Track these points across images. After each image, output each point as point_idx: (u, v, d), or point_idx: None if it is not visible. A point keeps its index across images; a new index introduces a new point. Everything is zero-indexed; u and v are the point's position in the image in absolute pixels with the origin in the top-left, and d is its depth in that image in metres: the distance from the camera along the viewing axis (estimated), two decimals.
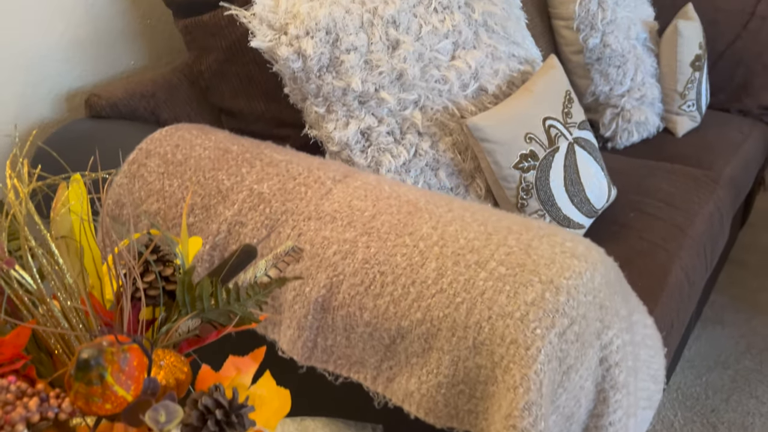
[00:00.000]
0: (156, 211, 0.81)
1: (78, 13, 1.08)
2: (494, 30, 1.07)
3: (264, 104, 1.09)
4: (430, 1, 1.01)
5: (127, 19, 1.16)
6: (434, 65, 1.00)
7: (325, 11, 0.91)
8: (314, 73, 0.93)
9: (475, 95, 1.04)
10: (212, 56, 1.07)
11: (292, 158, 0.81)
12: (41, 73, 1.06)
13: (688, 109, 1.44)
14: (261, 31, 0.92)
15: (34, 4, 1.02)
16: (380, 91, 0.96)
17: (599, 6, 1.33)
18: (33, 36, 1.03)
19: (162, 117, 1.08)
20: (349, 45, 0.93)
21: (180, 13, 1.08)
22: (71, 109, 1.11)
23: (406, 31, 0.98)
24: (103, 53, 1.14)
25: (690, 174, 1.22)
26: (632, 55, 1.37)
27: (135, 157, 0.86)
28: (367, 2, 0.95)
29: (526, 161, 0.96)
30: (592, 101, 1.43)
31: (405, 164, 0.99)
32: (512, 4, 1.12)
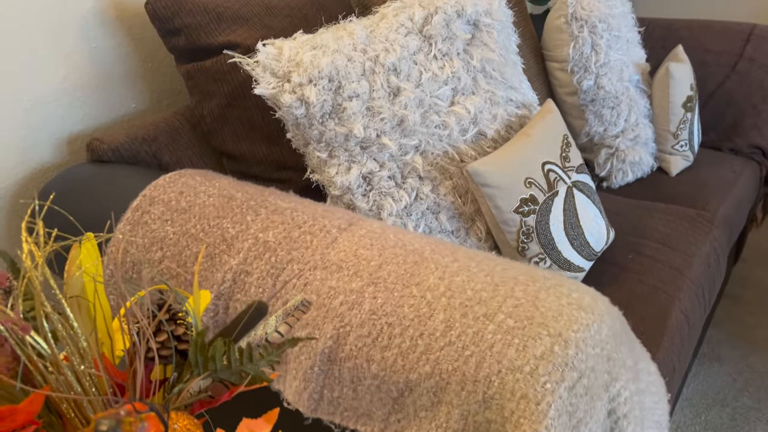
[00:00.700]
0: (159, 260, 0.81)
1: (80, 57, 1.09)
2: (492, 76, 1.09)
3: (266, 148, 1.10)
4: (430, 49, 1.03)
5: (129, 63, 1.17)
6: (434, 111, 1.02)
7: (327, 60, 0.93)
8: (317, 119, 0.94)
9: (475, 140, 1.06)
10: (214, 101, 1.08)
11: (297, 206, 0.82)
12: (43, 117, 1.06)
13: (681, 149, 1.46)
14: (264, 78, 0.94)
15: (37, 48, 1.03)
16: (382, 136, 0.97)
17: (592, 49, 1.36)
18: (36, 80, 1.04)
19: (164, 161, 1.09)
20: (351, 92, 0.94)
21: (182, 58, 1.09)
22: (72, 153, 1.12)
23: (406, 78, 0.99)
24: (105, 97, 1.15)
25: (685, 214, 1.23)
26: (625, 96, 1.39)
27: (138, 204, 0.86)
28: (368, 51, 0.97)
29: (526, 205, 0.97)
30: (587, 141, 1.46)
31: (406, 208, 1.00)
32: (509, 50, 1.14)
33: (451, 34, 1.05)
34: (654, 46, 1.73)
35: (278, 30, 1.13)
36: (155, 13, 1.04)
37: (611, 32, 1.36)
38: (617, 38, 1.38)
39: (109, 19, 1.12)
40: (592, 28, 1.34)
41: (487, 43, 1.09)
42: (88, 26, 1.09)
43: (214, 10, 1.08)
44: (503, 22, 1.12)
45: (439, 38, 1.04)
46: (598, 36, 1.35)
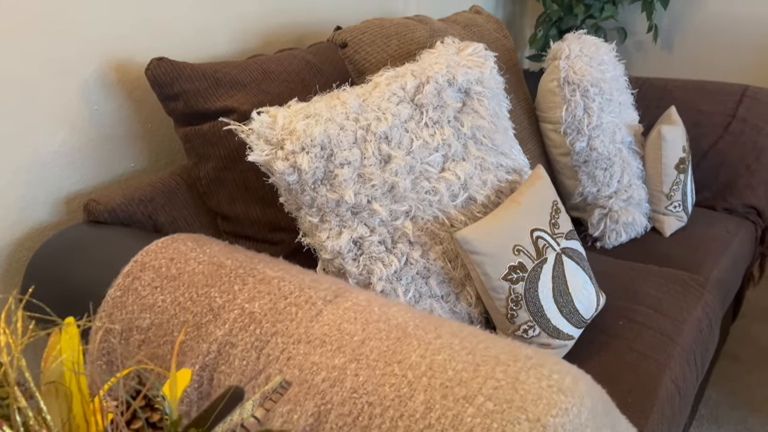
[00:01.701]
0: (148, 327, 0.81)
1: (82, 119, 1.12)
2: (482, 142, 1.11)
3: (259, 210, 1.12)
4: (421, 117, 1.06)
5: (129, 124, 1.20)
6: (425, 177, 1.03)
7: (320, 129, 0.95)
8: (309, 185, 0.96)
9: (465, 205, 1.07)
10: (210, 164, 1.10)
11: (285, 275, 0.83)
12: (43, 178, 1.08)
13: (675, 210, 1.47)
14: (258, 146, 0.96)
15: (41, 110, 1.06)
16: (372, 202, 0.99)
17: (585, 112, 1.38)
18: (38, 141, 1.06)
19: (159, 221, 1.10)
20: (343, 160, 0.96)
21: (181, 122, 1.12)
22: (70, 212, 1.14)
23: (397, 146, 1.01)
24: (104, 157, 1.17)
25: (678, 278, 1.23)
26: (618, 158, 1.41)
27: (130, 270, 0.87)
28: (360, 119, 0.99)
29: (514, 273, 0.97)
30: (580, 201, 1.47)
31: (396, 273, 1.00)
32: (500, 116, 1.16)
33: (442, 103, 1.08)
34: (648, 105, 1.76)
35: (275, 95, 1.16)
36: (155, 79, 1.07)
37: (603, 96, 1.39)
38: (609, 101, 1.41)
39: (110, 82, 1.15)
40: (584, 92, 1.37)
41: (477, 111, 1.11)
42: (90, 89, 1.12)
43: (213, 76, 1.11)
44: (494, 89, 1.15)
45: (431, 107, 1.06)
46: (590, 99, 1.37)
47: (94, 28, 1.10)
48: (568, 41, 1.43)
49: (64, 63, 1.07)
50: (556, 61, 1.41)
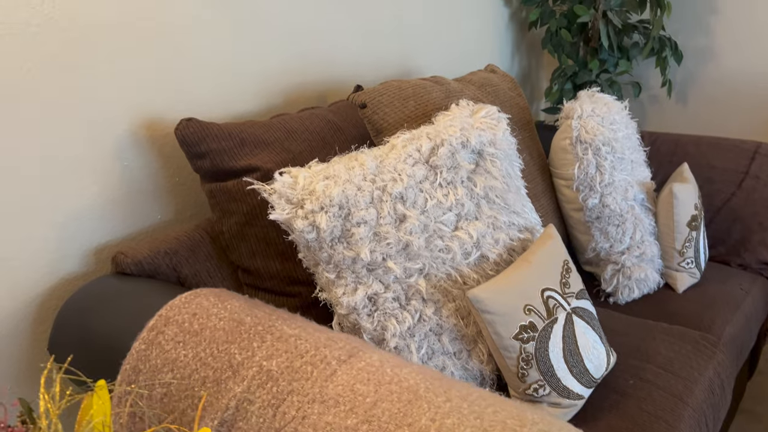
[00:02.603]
0: (169, 381, 0.85)
1: (113, 175, 1.18)
2: (495, 202, 1.15)
3: (279, 264, 1.16)
4: (436, 177, 1.10)
5: (157, 179, 1.26)
6: (438, 236, 1.07)
7: (338, 189, 1.00)
8: (327, 243, 1.00)
9: (477, 263, 1.10)
10: (233, 219, 1.15)
11: (301, 332, 0.86)
12: (74, 231, 1.14)
13: (688, 266, 1.48)
14: (280, 205, 1.00)
15: (76, 167, 1.12)
16: (387, 260, 1.02)
17: (597, 170, 1.42)
18: (71, 197, 1.12)
19: (183, 273, 1.15)
20: (359, 219, 1.00)
21: (206, 178, 1.17)
22: (99, 262, 1.19)
23: (412, 205, 1.06)
24: (133, 209, 1.23)
25: (689, 337, 1.24)
26: (630, 215, 1.44)
27: (154, 324, 0.91)
28: (377, 180, 1.04)
29: (525, 332, 1.00)
30: (593, 256, 1.49)
31: (410, 329, 1.03)
32: (512, 176, 1.20)
33: (456, 164, 1.12)
34: (661, 160, 1.79)
35: (297, 153, 1.21)
36: (184, 139, 1.13)
37: (615, 154, 1.43)
38: (621, 160, 1.44)
39: (141, 139, 1.21)
40: (596, 151, 1.41)
41: (490, 171, 1.15)
42: (122, 146, 1.18)
43: (238, 136, 1.17)
44: (506, 150, 1.19)
45: (445, 168, 1.10)
46: (602, 158, 1.41)
47: (126, 89, 1.17)
48: (580, 101, 1.48)
49: (98, 122, 1.14)
50: (568, 120, 1.45)
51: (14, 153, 1.04)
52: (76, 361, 1.00)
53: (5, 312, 1.07)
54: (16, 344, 1.10)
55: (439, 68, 1.95)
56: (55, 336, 1.04)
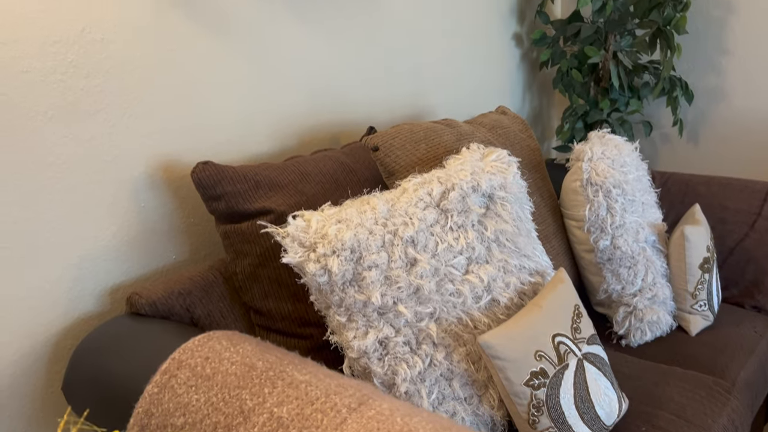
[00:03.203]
0: (182, 426, 0.86)
1: (130, 216, 1.21)
2: (505, 245, 1.16)
3: (290, 305, 1.17)
4: (447, 221, 1.11)
5: (173, 219, 1.28)
6: (449, 279, 1.08)
7: (350, 233, 1.01)
8: (338, 286, 1.01)
9: (488, 307, 1.11)
10: (247, 260, 1.17)
11: (312, 378, 0.87)
12: (91, 271, 1.16)
13: (700, 309, 1.48)
14: (293, 248, 1.02)
15: (93, 209, 1.14)
16: (398, 304, 1.03)
17: (608, 212, 1.42)
18: (88, 238, 1.15)
19: (196, 314, 1.16)
20: (371, 263, 1.02)
21: (221, 219, 1.19)
22: (114, 302, 1.20)
23: (423, 249, 1.07)
24: (149, 250, 1.25)
25: (703, 383, 1.23)
26: (642, 257, 1.44)
27: (167, 367, 0.92)
28: (388, 224, 1.05)
29: (536, 379, 1.00)
30: (605, 298, 1.49)
31: (420, 374, 1.04)
32: (523, 219, 1.21)
33: (467, 208, 1.13)
34: (673, 200, 1.80)
35: (310, 195, 1.23)
36: (200, 181, 1.15)
37: (626, 196, 1.43)
38: (632, 202, 1.45)
39: (158, 181, 1.24)
40: (606, 193, 1.42)
41: (500, 215, 1.17)
42: (139, 188, 1.21)
43: (253, 178, 1.19)
44: (517, 194, 1.20)
45: (455, 212, 1.12)
46: (612, 200, 1.42)
47: (144, 132, 1.20)
48: (590, 143, 1.49)
49: (117, 165, 1.17)
50: (579, 162, 1.46)
51: (35, 195, 1.06)
52: (89, 402, 1.01)
53: (21, 352, 1.08)
54: (30, 383, 1.11)
55: (451, 107, 1.97)
56: (70, 376, 1.06)
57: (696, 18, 2.14)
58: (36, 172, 1.06)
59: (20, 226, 1.05)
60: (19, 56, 1.01)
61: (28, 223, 1.06)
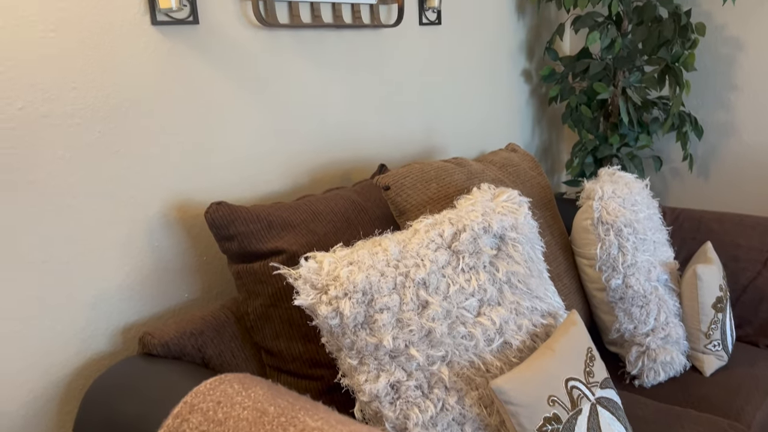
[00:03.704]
0: None
1: (144, 256, 1.22)
2: (517, 287, 1.15)
3: (302, 346, 1.17)
4: (458, 263, 1.11)
5: (185, 258, 1.29)
6: (461, 322, 1.08)
7: (362, 275, 1.01)
8: (350, 329, 1.01)
9: (500, 349, 1.10)
10: (258, 300, 1.17)
11: (324, 425, 0.86)
12: (104, 311, 1.17)
13: (714, 349, 1.46)
14: (305, 290, 1.02)
15: (107, 248, 1.15)
16: (410, 347, 1.03)
17: (619, 250, 1.42)
18: (102, 278, 1.16)
19: (208, 354, 1.16)
20: (382, 305, 1.02)
21: (234, 259, 1.20)
22: (126, 341, 1.21)
23: (435, 291, 1.07)
24: (161, 289, 1.26)
25: (718, 426, 1.21)
26: (654, 296, 1.43)
27: (179, 411, 0.92)
28: (400, 266, 1.06)
29: (549, 424, 0.99)
30: (617, 337, 1.48)
31: (432, 418, 1.03)
32: (534, 260, 1.21)
33: (478, 249, 1.13)
34: (684, 237, 1.79)
35: (322, 235, 1.24)
36: (213, 222, 1.17)
37: (637, 235, 1.43)
38: (643, 241, 1.44)
39: (171, 220, 1.25)
40: (617, 232, 1.42)
41: (512, 256, 1.17)
42: (153, 228, 1.22)
43: (266, 218, 1.20)
44: (528, 235, 1.21)
45: (467, 253, 1.12)
46: (624, 239, 1.41)
47: (159, 172, 1.22)
48: (600, 181, 1.50)
49: (132, 205, 1.18)
50: (589, 201, 1.46)
51: (51, 237, 1.08)
52: None
53: (35, 393, 1.09)
54: (43, 424, 1.11)
55: (462, 143, 1.99)
56: (81, 418, 1.06)
57: (704, 55, 2.16)
58: (54, 214, 1.07)
59: (36, 267, 1.06)
60: (39, 101, 1.03)
61: (44, 264, 1.07)
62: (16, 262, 1.04)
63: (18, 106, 1.01)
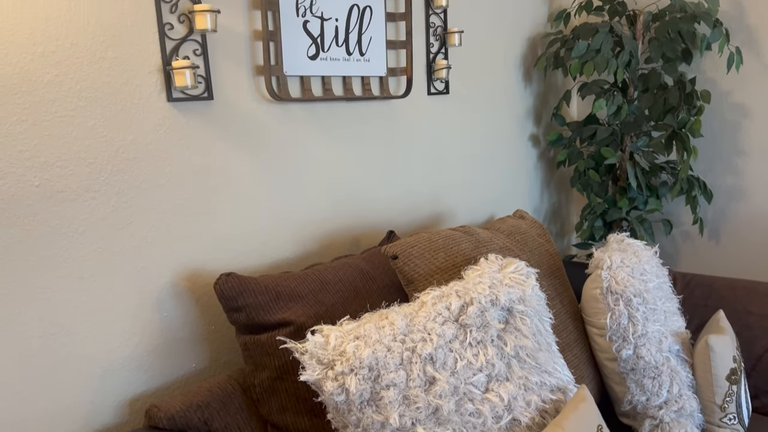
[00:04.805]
0: None
1: (153, 325, 1.23)
2: (526, 361, 1.15)
3: (308, 420, 1.16)
4: (465, 336, 1.11)
5: (194, 327, 1.30)
6: (468, 398, 1.07)
7: (369, 351, 1.01)
8: (356, 406, 1.00)
9: (509, 427, 1.08)
10: (265, 373, 1.17)
11: None
12: (111, 383, 1.17)
13: (730, 422, 1.43)
14: (311, 365, 1.02)
15: (117, 320, 1.17)
16: (417, 425, 1.02)
17: (629, 320, 1.41)
18: (111, 350, 1.16)
19: (214, 426, 1.15)
20: (389, 381, 1.01)
21: (242, 330, 1.21)
22: (132, 413, 1.20)
23: (442, 367, 1.06)
24: (169, 359, 1.26)
25: None
26: (666, 367, 1.41)
27: None
28: (407, 341, 1.06)
29: None
30: (629, 409, 1.45)
31: None
32: (543, 333, 1.20)
33: (486, 323, 1.13)
34: (696, 304, 1.77)
35: (330, 305, 1.25)
36: (222, 293, 1.18)
37: (647, 305, 1.42)
38: (654, 311, 1.43)
39: (181, 290, 1.27)
40: (627, 302, 1.41)
41: (520, 329, 1.16)
42: (162, 298, 1.24)
43: (274, 289, 1.21)
44: (536, 307, 1.20)
45: (474, 327, 1.12)
46: (633, 309, 1.40)
47: (171, 243, 1.24)
48: (609, 251, 1.50)
49: (143, 276, 1.20)
50: (598, 270, 1.46)
51: (62, 310, 1.09)
52: None
53: None
54: None
55: (470, 208, 2.01)
56: None
57: (711, 120, 2.19)
58: (65, 286, 1.09)
59: (46, 341, 1.07)
60: (56, 177, 1.06)
61: (54, 338, 1.08)
62: (25, 333, 1.05)
63: (35, 183, 1.04)
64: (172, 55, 1.19)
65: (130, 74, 1.14)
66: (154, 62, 1.17)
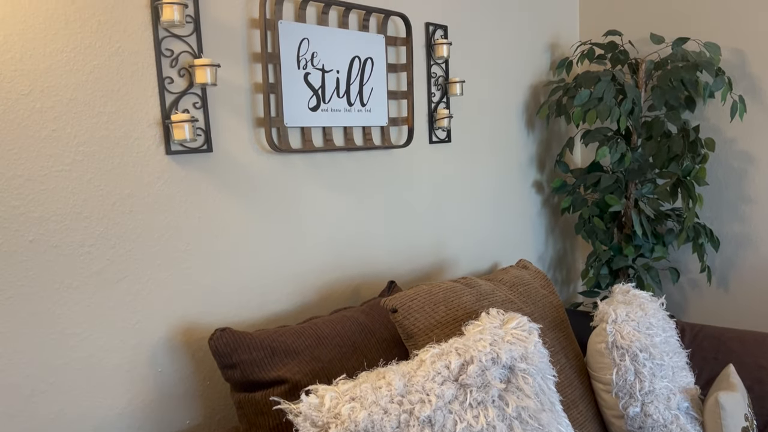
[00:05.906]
0: None
1: (146, 381, 1.20)
2: (528, 422, 1.11)
3: None
4: (465, 397, 1.08)
5: (189, 383, 1.27)
6: None
7: (364, 413, 0.98)
8: None
9: None
10: None
11: None
12: None
13: None
14: (305, 428, 0.99)
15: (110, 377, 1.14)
16: None
17: (636, 377, 1.37)
18: (103, 407, 1.13)
19: None
20: None
21: (236, 388, 1.18)
22: None
23: (441, 430, 1.02)
24: (163, 415, 1.23)
25: None
26: (675, 425, 1.36)
27: None
28: (405, 402, 1.02)
29: None
30: None
31: None
32: (546, 392, 1.17)
33: (486, 382, 1.10)
34: (705, 357, 1.73)
35: (326, 361, 1.22)
36: (216, 350, 1.15)
37: (654, 361, 1.38)
38: (661, 366, 1.39)
39: (176, 345, 1.24)
40: (633, 357, 1.37)
41: (522, 389, 1.13)
42: (157, 353, 1.21)
43: (269, 346, 1.18)
44: (538, 365, 1.17)
45: (474, 387, 1.08)
46: (640, 365, 1.37)
47: (166, 298, 1.22)
48: (614, 303, 1.46)
49: (138, 331, 1.18)
50: (603, 324, 1.43)
51: (54, 367, 1.07)
52: None
53: None
54: None
55: (474, 255, 1.98)
56: None
57: (716, 168, 2.17)
58: (57, 343, 1.07)
59: (36, 399, 1.05)
60: (51, 232, 1.05)
61: (44, 395, 1.06)
62: (15, 391, 1.02)
63: (29, 238, 1.03)
64: (171, 109, 1.19)
65: (128, 128, 1.14)
66: (154, 115, 1.17)
